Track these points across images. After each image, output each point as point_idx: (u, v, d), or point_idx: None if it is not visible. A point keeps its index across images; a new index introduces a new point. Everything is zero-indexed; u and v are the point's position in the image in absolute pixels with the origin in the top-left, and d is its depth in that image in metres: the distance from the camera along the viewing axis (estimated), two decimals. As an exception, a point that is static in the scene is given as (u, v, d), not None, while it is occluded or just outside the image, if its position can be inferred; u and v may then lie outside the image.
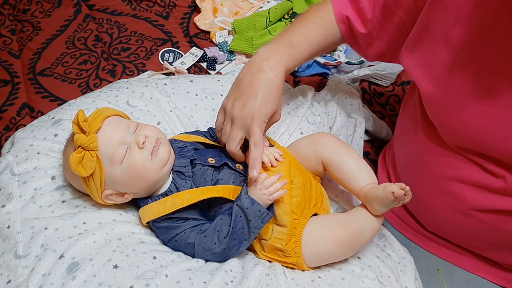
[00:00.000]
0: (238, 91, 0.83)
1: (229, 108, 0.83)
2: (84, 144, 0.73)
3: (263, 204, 0.75)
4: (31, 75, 1.28)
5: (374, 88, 1.31)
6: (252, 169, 0.77)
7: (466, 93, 0.75)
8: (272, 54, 0.86)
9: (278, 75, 0.84)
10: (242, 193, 0.76)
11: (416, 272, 0.90)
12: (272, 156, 0.83)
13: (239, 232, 0.75)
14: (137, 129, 0.80)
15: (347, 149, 0.88)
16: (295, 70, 1.31)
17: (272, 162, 0.82)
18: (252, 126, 0.79)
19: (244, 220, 0.75)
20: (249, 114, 0.79)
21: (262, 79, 0.82)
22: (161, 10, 1.49)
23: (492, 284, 0.93)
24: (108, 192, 0.78)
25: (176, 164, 0.81)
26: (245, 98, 0.81)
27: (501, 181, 0.78)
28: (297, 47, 0.89)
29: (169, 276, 0.72)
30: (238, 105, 0.81)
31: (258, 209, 0.74)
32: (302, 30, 0.91)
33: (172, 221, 0.78)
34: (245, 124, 0.80)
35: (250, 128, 0.79)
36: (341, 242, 0.79)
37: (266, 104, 0.81)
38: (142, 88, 1.01)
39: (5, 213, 0.79)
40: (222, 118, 0.85)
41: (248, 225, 0.75)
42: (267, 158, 0.82)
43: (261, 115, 0.80)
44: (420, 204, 0.94)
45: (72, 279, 0.70)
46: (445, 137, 0.82)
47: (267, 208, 0.76)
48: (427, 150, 0.87)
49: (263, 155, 0.81)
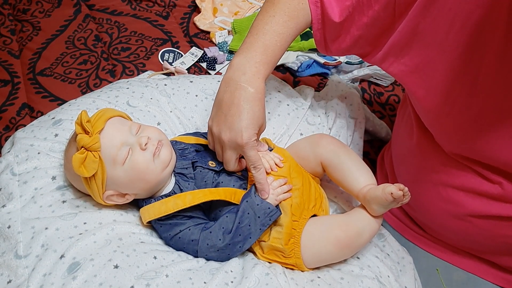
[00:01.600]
0: (221, 112, 0.80)
1: (216, 132, 0.80)
2: (87, 145, 0.73)
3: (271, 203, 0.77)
4: (31, 75, 1.28)
5: (374, 88, 1.31)
6: (262, 192, 0.78)
7: (463, 100, 0.75)
8: (248, 67, 0.81)
9: (259, 89, 0.80)
10: (251, 191, 0.78)
11: (415, 272, 0.90)
12: (273, 161, 0.84)
13: (244, 228, 0.76)
14: (139, 130, 0.80)
15: (346, 150, 0.88)
16: (295, 70, 1.32)
17: (272, 167, 0.83)
18: (245, 150, 0.78)
19: (252, 217, 0.76)
20: (237, 137, 0.77)
21: (243, 97, 0.78)
22: (161, 10, 1.49)
23: (491, 285, 0.93)
24: (109, 193, 0.78)
25: (177, 166, 0.81)
26: (230, 121, 0.78)
27: (498, 188, 0.78)
28: (272, 49, 0.84)
29: (170, 276, 0.72)
30: (224, 129, 0.78)
31: (268, 206, 0.77)
32: (275, 28, 0.84)
33: (176, 218, 0.78)
34: (235, 147, 0.79)
35: (243, 153, 0.78)
36: (340, 243, 0.80)
37: (252, 122, 0.78)
38: (142, 88, 1.02)
39: (5, 213, 0.79)
40: (211, 140, 0.84)
41: (256, 221, 0.76)
42: (267, 163, 0.83)
43: (250, 135, 0.77)
44: (417, 208, 0.94)
45: (73, 279, 0.70)
46: (441, 144, 0.82)
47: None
48: (423, 157, 0.88)
49: (263, 160, 0.82)
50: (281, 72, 1.33)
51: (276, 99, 1.06)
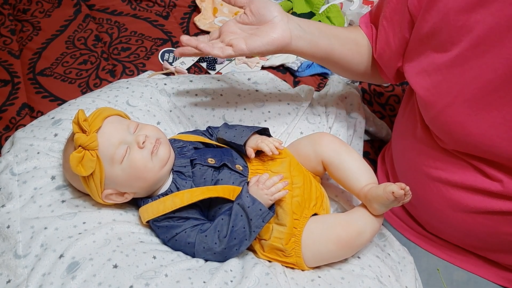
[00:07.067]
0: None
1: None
2: (84, 144, 0.73)
3: (265, 204, 0.75)
4: (31, 75, 1.28)
5: (374, 88, 1.31)
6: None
7: (465, 99, 0.75)
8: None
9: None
10: (243, 192, 0.76)
11: (416, 272, 0.90)
12: (272, 145, 0.82)
13: (239, 231, 0.75)
14: (137, 128, 0.80)
15: (347, 149, 0.88)
16: (295, 70, 1.31)
17: (272, 150, 0.82)
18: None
19: (245, 219, 0.75)
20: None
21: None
22: (161, 10, 1.49)
23: (492, 284, 0.93)
24: (108, 192, 0.78)
25: (176, 164, 0.81)
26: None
27: (498, 185, 0.78)
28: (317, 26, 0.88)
29: (169, 275, 0.72)
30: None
31: (259, 208, 0.74)
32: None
33: (173, 220, 0.78)
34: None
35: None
36: (341, 242, 0.79)
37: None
38: (142, 88, 1.01)
39: (5, 212, 0.79)
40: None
41: (249, 224, 0.74)
42: (267, 147, 0.81)
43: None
44: (418, 205, 0.94)
45: (72, 279, 0.70)
46: (443, 141, 0.82)
47: (268, 208, 0.76)
48: (424, 154, 0.87)
49: (263, 144, 0.81)
50: (281, 72, 1.33)
51: (276, 98, 1.06)
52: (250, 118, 1.01)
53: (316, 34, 0.87)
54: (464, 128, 0.76)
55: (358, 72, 0.97)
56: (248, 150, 0.84)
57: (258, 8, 0.83)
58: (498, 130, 0.74)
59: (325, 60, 0.93)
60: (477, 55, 0.72)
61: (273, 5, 0.84)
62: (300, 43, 0.85)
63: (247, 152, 0.84)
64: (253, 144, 0.84)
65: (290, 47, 0.84)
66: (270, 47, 0.82)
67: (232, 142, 0.85)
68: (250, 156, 0.83)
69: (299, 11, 1.44)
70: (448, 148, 0.82)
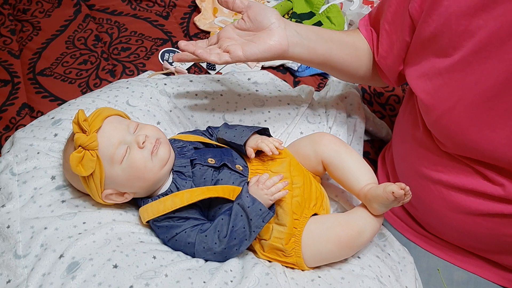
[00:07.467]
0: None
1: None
2: (84, 144, 0.73)
3: (265, 204, 0.75)
4: (31, 75, 1.28)
5: (374, 88, 1.31)
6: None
7: (467, 103, 0.75)
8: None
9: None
10: (243, 192, 0.76)
11: (416, 272, 0.90)
12: (272, 145, 0.82)
13: (239, 231, 0.75)
14: (137, 128, 0.80)
15: (347, 149, 0.88)
16: (295, 70, 1.31)
17: (272, 150, 0.82)
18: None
19: (245, 219, 0.75)
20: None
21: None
22: (161, 10, 1.49)
23: (493, 284, 0.93)
24: (108, 192, 0.78)
25: (176, 164, 0.81)
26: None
27: (500, 189, 0.78)
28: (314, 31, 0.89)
29: (169, 275, 0.72)
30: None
31: (259, 208, 0.74)
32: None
33: (173, 220, 0.78)
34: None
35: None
36: (341, 242, 0.79)
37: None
38: (142, 88, 1.01)
39: (4, 212, 0.79)
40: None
41: (249, 224, 0.74)
42: (267, 147, 0.81)
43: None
44: (418, 206, 0.94)
45: (72, 279, 0.70)
46: (444, 145, 0.82)
47: (268, 208, 0.76)
48: (425, 157, 0.87)
49: (263, 144, 0.81)
50: (281, 72, 1.33)
51: (276, 98, 1.06)
52: (250, 118, 1.01)
53: (314, 40, 0.87)
54: (465, 132, 0.76)
55: (357, 76, 0.96)
56: (248, 150, 0.84)
57: (256, 14, 0.83)
58: (500, 135, 0.74)
59: (323, 65, 0.92)
60: (478, 60, 0.72)
61: (270, 11, 0.84)
62: (297, 49, 0.85)
63: (247, 152, 0.84)
64: (253, 144, 0.84)
65: (287, 54, 0.84)
66: (267, 54, 0.82)
67: (232, 142, 0.85)
68: (250, 156, 0.83)
69: (299, 11, 1.44)
70: (450, 151, 0.82)
